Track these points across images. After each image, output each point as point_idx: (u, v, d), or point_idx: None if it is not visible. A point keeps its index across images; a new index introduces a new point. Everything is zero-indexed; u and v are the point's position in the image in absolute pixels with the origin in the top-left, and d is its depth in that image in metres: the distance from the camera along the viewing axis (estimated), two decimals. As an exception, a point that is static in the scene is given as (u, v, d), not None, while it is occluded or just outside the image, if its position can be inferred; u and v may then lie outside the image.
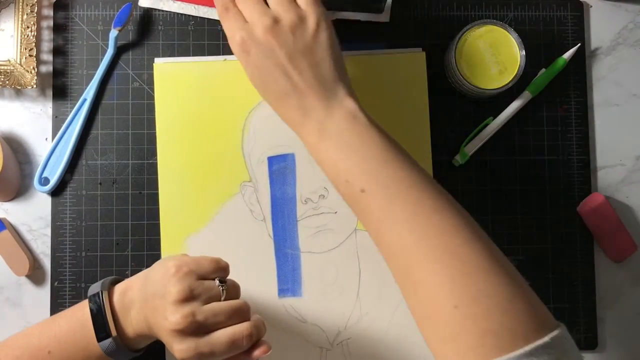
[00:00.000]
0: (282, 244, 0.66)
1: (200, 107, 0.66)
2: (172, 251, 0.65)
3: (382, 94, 0.67)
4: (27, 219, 0.66)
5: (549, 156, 0.68)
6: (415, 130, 0.67)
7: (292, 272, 0.65)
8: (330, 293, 0.65)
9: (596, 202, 0.67)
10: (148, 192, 0.66)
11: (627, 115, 0.70)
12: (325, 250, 0.66)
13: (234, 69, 0.66)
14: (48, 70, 0.67)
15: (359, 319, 0.65)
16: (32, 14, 0.65)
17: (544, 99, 0.68)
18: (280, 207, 0.66)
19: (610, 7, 0.71)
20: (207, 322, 0.51)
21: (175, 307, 0.51)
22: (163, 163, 0.65)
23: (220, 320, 0.52)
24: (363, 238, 0.66)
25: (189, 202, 0.65)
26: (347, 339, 0.65)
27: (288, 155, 0.66)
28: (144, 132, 0.67)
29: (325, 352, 0.65)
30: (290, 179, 0.66)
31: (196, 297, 0.52)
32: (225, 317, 0.52)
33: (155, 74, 0.66)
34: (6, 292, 0.66)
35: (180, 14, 0.68)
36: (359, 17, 0.68)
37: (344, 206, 0.65)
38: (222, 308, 0.52)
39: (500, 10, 0.69)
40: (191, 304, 0.52)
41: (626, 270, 0.69)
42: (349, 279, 0.66)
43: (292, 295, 0.65)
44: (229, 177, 0.66)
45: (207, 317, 0.51)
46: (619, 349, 0.68)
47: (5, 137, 0.66)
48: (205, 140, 0.66)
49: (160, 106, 0.66)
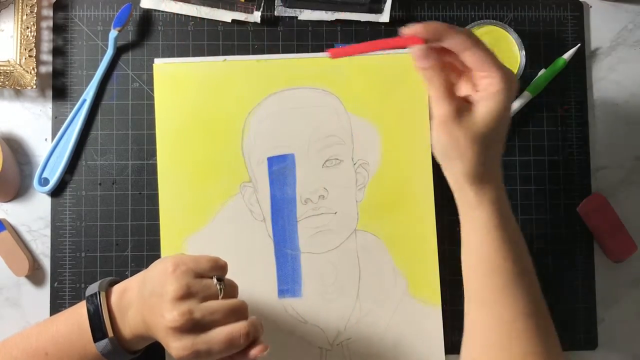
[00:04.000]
0: (282, 245, 0.66)
1: (200, 108, 0.66)
2: (172, 251, 0.65)
3: (382, 94, 0.67)
4: (26, 220, 0.66)
5: (549, 156, 0.68)
6: (415, 130, 0.66)
7: (292, 273, 0.65)
8: (330, 294, 0.65)
9: (596, 202, 0.67)
10: (148, 193, 0.66)
11: (626, 115, 0.70)
12: (325, 251, 0.66)
13: (234, 70, 0.66)
14: (48, 71, 0.67)
15: (358, 320, 0.65)
16: (32, 15, 0.65)
17: (544, 99, 0.69)
18: (280, 207, 0.66)
19: (610, 7, 0.71)
20: (204, 319, 0.51)
21: (173, 305, 0.51)
22: (163, 163, 0.65)
23: (217, 319, 0.52)
24: (363, 238, 0.66)
25: (189, 203, 0.65)
26: (347, 340, 0.65)
27: (288, 156, 0.66)
28: (143, 133, 0.67)
29: (325, 352, 0.65)
30: (290, 180, 0.66)
31: (194, 295, 0.52)
32: (222, 315, 0.52)
33: (155, 74, 0.66)
34: (6, 292, 0.66)
35: (180, 14, 0.68)
36: (359, 17, 0.68)
37: (343, 206, 0.65)
38: (220, 306, 0.52)
39: (500, 10, 0.69)
40: (188, 302, 0.51)
41: (626, 270, 0.69)
42: (348, 279, 0.66)
43: (292, 296, 0.65)
44: (229, 177, 0.66)
45: (204, 315, 0.51)
46: (619, 349, 0.68)
47: (5, 137, 0.66)
48: (205, 140, 0.66)
49: (160, 106, 0.66)
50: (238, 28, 0.68)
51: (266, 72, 0.66)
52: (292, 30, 0.68)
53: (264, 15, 0.68)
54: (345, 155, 0.66)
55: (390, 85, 0.67)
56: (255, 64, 0.66)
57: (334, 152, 0.66)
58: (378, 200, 0.66)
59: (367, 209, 0.66)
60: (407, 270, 0.66)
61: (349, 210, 0.66)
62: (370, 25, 0.68)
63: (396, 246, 0.66)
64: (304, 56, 0.67)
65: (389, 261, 0.66)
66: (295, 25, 0.68)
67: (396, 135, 0.66)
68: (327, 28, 0.68)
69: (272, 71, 0.66)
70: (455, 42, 0.53)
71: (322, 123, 0.66)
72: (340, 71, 0.66)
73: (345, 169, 0.66)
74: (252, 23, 0.68)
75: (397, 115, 0.66)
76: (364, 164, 0.66)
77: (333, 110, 0.66)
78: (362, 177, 0.66)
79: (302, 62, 0.67)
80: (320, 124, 0.66)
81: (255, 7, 0.67)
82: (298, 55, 0.67)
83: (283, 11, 0.68)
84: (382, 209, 0.66)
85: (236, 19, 0.68)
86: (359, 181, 0.66)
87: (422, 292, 0.65)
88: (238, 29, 0.68)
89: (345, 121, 0.66)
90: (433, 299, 0.65)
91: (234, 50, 0.68)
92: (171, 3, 0.67)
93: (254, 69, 0.66)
